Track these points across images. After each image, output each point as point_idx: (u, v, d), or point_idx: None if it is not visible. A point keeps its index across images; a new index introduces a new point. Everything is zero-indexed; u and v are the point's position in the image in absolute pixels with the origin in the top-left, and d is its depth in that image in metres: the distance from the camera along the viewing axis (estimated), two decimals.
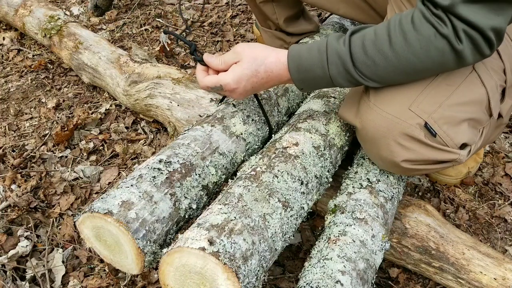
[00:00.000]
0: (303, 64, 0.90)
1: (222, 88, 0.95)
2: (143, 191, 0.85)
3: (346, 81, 0.89)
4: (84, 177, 1.48)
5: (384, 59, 0.82)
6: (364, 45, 0.83)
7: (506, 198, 1.36)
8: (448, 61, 0.81)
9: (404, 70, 0.84)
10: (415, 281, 1.15)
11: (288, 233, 0.89)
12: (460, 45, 0.78)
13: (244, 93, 0.96)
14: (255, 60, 0.92)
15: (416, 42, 0.79)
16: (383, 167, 1.02)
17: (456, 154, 0.89)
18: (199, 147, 0.98)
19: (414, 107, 0.87)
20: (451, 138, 0.88)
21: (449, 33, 0.77)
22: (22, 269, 1.20)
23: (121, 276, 1.16)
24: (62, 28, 1.90)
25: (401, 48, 0.81)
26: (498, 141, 1.53)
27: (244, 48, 0.93)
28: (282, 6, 1.42)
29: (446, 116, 0.87)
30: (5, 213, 1.33)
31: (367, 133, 0.93)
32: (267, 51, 0.93)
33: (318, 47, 0.88)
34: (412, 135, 0.87)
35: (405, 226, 1.09)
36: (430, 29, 0.78)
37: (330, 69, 0.87)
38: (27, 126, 1.70)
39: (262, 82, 0.94)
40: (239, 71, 0.92)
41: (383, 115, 0.88)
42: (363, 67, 0.85)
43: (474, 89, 0.90)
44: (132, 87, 1.58)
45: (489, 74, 0.91)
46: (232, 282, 0.71)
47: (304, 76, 0.91)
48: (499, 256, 1.04)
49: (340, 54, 0.85)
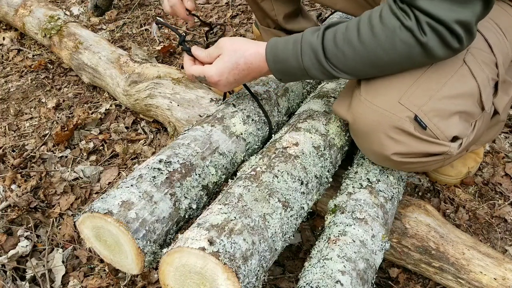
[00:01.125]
0: (279, 55, 0.92)
1: (205, 79, 0.99)
2: (143, 191, 0.85)
3: (320, 73, 0.91)
4: (84, 177, 1.48)
5: (352, 50, 0.85)
6: (335, 37, 0.86)
7: (506, 198, 1.36)
8: (415, 54, 0.82)
9: (373, 62, 0.85)
10: (415, 281, 1.15)
11: (288, 233, 0.89)
12: (424, 37, 0.79)
13: (228, 85, 0.98)
14: (235, 53, 0.94)
15: (382, 34, 0.81)
16: (375, 161, 1.02)
17: (447, 146, 0.89)
18: (199, 147, 0.98)
19: (404, 100, 0.87)
20: (442, 130, 0.87)
21: (413, 26, 0.79)
22: (22, 269, 1.20)
23: (121, 276, 1.16)
24: (62, 28, 1.90)
25: (368, 40, 0.83)
26: (498, 141, 1.53)
27: (226, 42, 0.96)
28: (281, 2, 1.42)
29: (437, 108, 0.87)
30: (5, 213, 1.33)
31: (358, 127, 0.93)
32: (247, 44, 0.96)
33: (294, 39, 0.91)
34: (402, 128, 0.87)
35: (405, 226, 1.09)
36: (395, 21, 0.80)
37: (304, 60, 0.89)
38: (27, 126, 1.70)
39: (244, 74, 0.96)
40: (220, 64, 0.95)
41: (373, 108, 0.89)
42: (334, 59, 0.87)
43: (464, 81, 0.90)
44: (132, 87, 1.58)
45: (480, 67, 0.91)
46: (232, 282, 0.71)
47: (280, 66, 0.93)
48: (499, 256, 1.04)
49: (313, 46, 0.88)
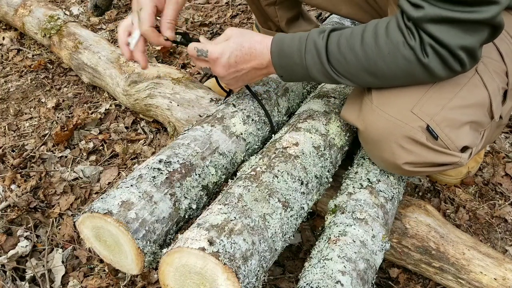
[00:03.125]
0: (284, 50, 0.92)
1: (207, 54, 0.97)
2: (143, 191, 0.85)
3: (321, 75, 0.91)
4: (84, 177, 1.48)
5: (354, 57, 0.85)
6: (339, 41, 0.86)
7: (507, 198, 1.36)
8: (416, 72, 0.83)
9: (373, 72, 0.86)
10: (415, 281, 1.15)
11: (288, 233, 0.89)
12: (426, 58, 0.79)
13: (226, 65, 0.96)
14: (242, 36, 0.95)
15: (385, 46, 0.82)
16: (384, 169, 1.02)
17: (457, 157, 0.89)
18: (199, 147, 0.98)
19: (416, 109, 0.87)
20: (453, 141, 0.88)
21: (416, 46, 0.79)
22: (21, 269, 1.20)
23: (121, 276, 1.16)
24: (61, 28, 1.90)
25: (371, 49, 0.83)
26: (498, 141, 1.52)
27: (233, 29, 0.98)
28: (284, 8, 1.42)
29: (448, 119, 0.87)
30: (4, 213, 1.33)
31: (369, 135, 0.93)
32: (255, 33, 0.98)
33: (300, 36, 0.91)
34: (414, 138, 0.87)
35: (405, 226, 1.09)
36: (399, 37, 0.80)
37: (306, 58, 0.90)
38: (27, 126, 1.70)
39: (245, 59, 0.96)
40: (225, 44, 0.96)
41: (386, 117, 0.88)
42: (336, 63, 0.88)
43: (476, 91, 0.90)
44: (132, 87, 1.58)
45: (491, 77, 0.91)
46: (232, 282, 0.71)
47: (283, 62, 0.94)
48: (499, 256, 1.04)
49: (317, 45, 0.88)
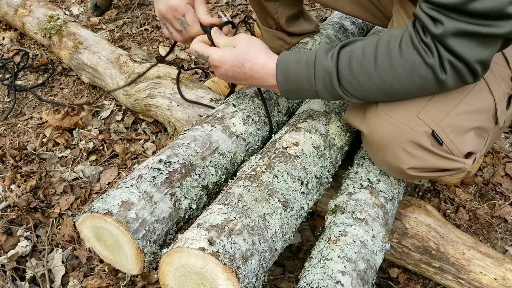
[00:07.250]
0: (290, 76, 0.91)
1: (207, 59, 0.97)
2: (143, 191, 0.85)
3: (330, 96, 0.90)
4: (84, 177, 1.48)
5: (368, 80, 0.84)
6: (351, 63, 0.84)
7: (507, 198, 1.36)
8: (430, 87, 0.82)
9: (387, 92, 0.85)
10: (415, 281, 1.15)
11: (288, 233, 0.89)
12: (444, 75, 0.79)
13: (224, 74, 0.96)
14: (246, 54, 0.93)
15: (401, 68, 0.80)
16: (388, 172, 1.02)
17: (462, 163, 0.90)
18: (199, 147, 0.98)
19: (422, 114, 0.87)
20: (457, 147, 0.88)
21: (435, 63, 0.78)
22: (21, 269, 1.20)
23: (121, 276, 1.16)
24: (61, 28, 1.90)
25: (386, 72, 0.82)
26: (498, 141, 1.52)
27: (243, 38, 0.95)
28: (284, 5, 1.42)
29: (454, 124, 0.87)
30: (4, 213, 1.33)
31: (374, 139, 0.92)
32: (260, 51, 0.94)
33: (306, 59, 0.89)
34: (419, 142, 0.87)
35: (406, 226, 1.09)
36: (416, 56, 0.79)
37: (317, 84, 0.88)
38: (27, 126, 1.70)
39: (245, 76, 0.95)
40: (228, 54, 0.94)
41: (391, 121, 0.88)
42: (348, 85, 0.86)
43: (482, 97, 0.90)
44: (132, 87, 1.58)
45: (497, 82, 0.91)
46: (232, 282, 0.71)
47: (291, 87, 0.92)
48: (499, 256, 1.04)
49: (327, 69, 0.86)
